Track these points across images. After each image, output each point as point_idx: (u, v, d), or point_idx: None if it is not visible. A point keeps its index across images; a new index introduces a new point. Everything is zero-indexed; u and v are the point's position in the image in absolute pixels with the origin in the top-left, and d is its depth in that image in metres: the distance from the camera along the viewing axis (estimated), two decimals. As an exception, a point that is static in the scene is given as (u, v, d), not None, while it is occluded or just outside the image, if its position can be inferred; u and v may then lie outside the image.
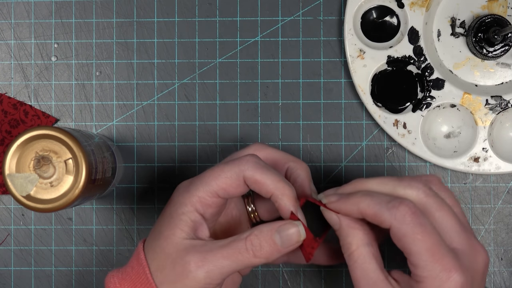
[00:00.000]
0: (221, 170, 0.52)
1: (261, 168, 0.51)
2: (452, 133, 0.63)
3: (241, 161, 0.52)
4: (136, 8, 0.65)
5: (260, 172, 0.51)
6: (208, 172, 0.52)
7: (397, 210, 0.49)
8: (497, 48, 0.63)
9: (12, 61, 0.65)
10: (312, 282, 0.64)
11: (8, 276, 0.64)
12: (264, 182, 0.51)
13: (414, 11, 0.63)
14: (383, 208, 0.49)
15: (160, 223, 0.52)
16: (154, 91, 0.65)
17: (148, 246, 0.52)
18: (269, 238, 0.50)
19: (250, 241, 0.50)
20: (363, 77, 0.63)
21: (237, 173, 0.51)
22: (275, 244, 0.50)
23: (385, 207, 0.49)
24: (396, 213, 0.48)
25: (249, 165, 0.51)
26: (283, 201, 0.51)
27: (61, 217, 0.64)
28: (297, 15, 0.64)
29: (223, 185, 0.51)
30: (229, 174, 0.51)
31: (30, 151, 0.52)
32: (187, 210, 0.51)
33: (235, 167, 0.52)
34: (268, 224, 0.51)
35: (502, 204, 0.64)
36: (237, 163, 0.52)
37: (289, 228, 0.51)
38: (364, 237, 0.51)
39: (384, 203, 0.49)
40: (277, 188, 0.51)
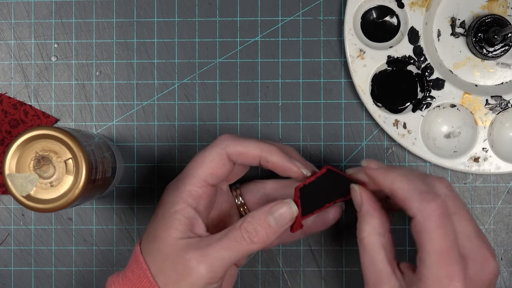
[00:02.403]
0: (202, 156, 0.53)
1: (239, 139, 0.53)
2: (452, 133, 0.63)
3: (217, 142, 0.53)
4: (136, 8, 0.65)
5: (240, 143, 0.52)
6: (191, 165, 0.53)
7: (428, 204, 0.48)
8: (497, 48, 0.63)
9: (12, 61, 0.65)
10: (312, 282, 0.64)
11: (8, 276, 0.64)
12: (248, 150, 0.52)
13: (414, 11, 0.63)
14: (415, 197, 0.49)
15: (154, 225, 0.53)
16: (154, 91, 0.65)
17: (145, 249, 0.52)
18: (263, 221, 0.50)
19: (245, 228, 0.50)
20: (363, 77, 0.63)
21: (219, 153, 0.52)
22: (270, 225, 0.51)
23: (418, 197, 0.49)
24: (426, 207, 0.48)
25: (227, 142, 0.52)
26: (273, 158, 0.52)
27: (61, 217, 0.64)
28: (297, 15, 0.64)
29: (209, 170, 0.52)
30: (211, 157, 0.52)
31: (30, 151, 0.52)
32: (180, 208, 0.51)
33: (214, 149, 0.53)
34: (259, 209, 0.51)
35: (502, 204, 0.64)
36: (214, 145, 0.53)
37: (281, 207, 0.51)
38: (378, 227, 0.51)
39: (417, 193, 0.49)
40: (263, 150, 0.52)
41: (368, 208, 0.51)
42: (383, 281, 0.50)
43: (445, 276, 0.48)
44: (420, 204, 0.49)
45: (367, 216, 0.51)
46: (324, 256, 0.64)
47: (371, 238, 0.51)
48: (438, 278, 0.48)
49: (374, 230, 0.51)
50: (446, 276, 0.48)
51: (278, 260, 0.64)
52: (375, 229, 0.51)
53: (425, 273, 0.48)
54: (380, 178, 0.51)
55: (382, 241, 0.51)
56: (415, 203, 0.49)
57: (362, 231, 0.51)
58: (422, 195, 0.49)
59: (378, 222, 0.51)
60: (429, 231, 0.48)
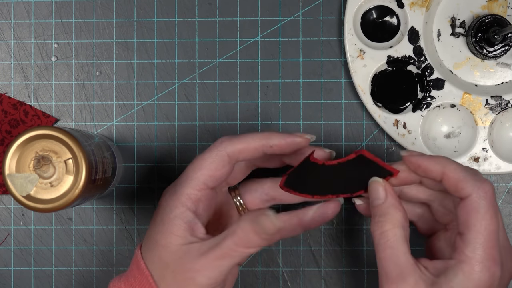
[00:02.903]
0: (201, 159, 0.53)
1: (236, 137, 0.53)
2: (452, 133, 0.63)
3: (215, 144, 0.53)
4: (136, 8, 0.65)
5: (237, 140, 0.52)
6: (190, 168, 0.53)
7: (482, 184, 0.50)
8: (497, 48, 0.63)
9: (12, 61, 0.65)
10: (312, 282, 0.64)
11: (8, 276, 0.64)
12: (248, 144, 0.52)
13: (414, 11, 0.63)
14: (469, 177, 0.50)
15: (154, 230, 0.52)
16: (154, 91, 0.65)
17: (146, 254, 0.52)
18: (252, 230, 0.50)
19: (238, 237, 0.50)
20: (363, 77, 0.63)
21: (218, 155, 0.52)
22: (260, 233, 0.50)
23: (471, 177, 0.50)
24: (481, 186, 0.49)
25: (226, 142, 0.52)
26: (275, 140, 0.52)
27: (61, 217, 0.64)
28: (297, 15, 0.64)
29: (209, 172, 0.52)
30: (210, 159, 0.52)
31: (30, 151, 0.52)
32: (179, 212, 0.51)
33: (214, 151, 0.53)
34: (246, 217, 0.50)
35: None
36: (213, 147, 0.53)
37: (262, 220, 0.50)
38: (402, 220, 0.51)
39: (470, 174, 0.50)
40: (261, 138, 0.52)
41: (394, 201, 0.52)
42: (408, 273, 0.49)
43: (488, 259, 0.48)
44: (474, 183, 0.50)
45: (392, 209, 0.51)
46: (324, 256, 0.64)
47: (395, 230, 0.51)
48: (481, 259, 0.48)
49: (399, 222, 0.51)
50: (489, 259, 0.48)
51: (278, 260, 0.64)
52: (400, 221, 0.51)
53: (468, 253, 0.49)
54: (431, 163, 0.52)
55: (406, 234, 0.51)
56: (470, 182, 0.50)
57: (386, 223, 0.51)
58: (475, 176, 0.50)
59: (402, 215, 0.51)
60: (483, 211, 0.49)
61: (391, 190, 0.52)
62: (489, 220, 0.49)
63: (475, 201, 0.49)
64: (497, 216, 0.50)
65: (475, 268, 0.48)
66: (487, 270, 0.48)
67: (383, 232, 0.51)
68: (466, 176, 0.50)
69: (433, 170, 0.52)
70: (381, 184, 0.52)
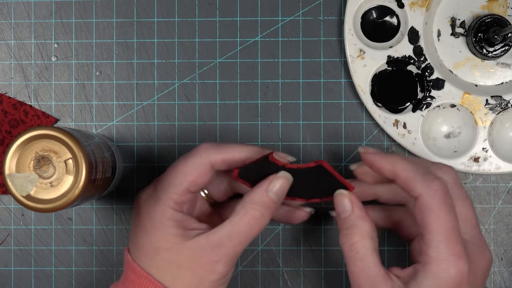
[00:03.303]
0: (184, 165, 0.53)
1: (221, 147, 0.53)
2: (452, 133, 0.63)
3: (199, 150, 0.53)
4: (136, 8, 0.65)
5: (223, 150, 0.53)
6: (172, 173, 0.53)
7: (432, 182, 0.49)
8: (497, 48, 0.63)
9: (12, 61, 0.65)
10: (312, 282, 0.64)
11: (8, 276, 0.64)
12: (232, 155, 0.53)
13: (414, 11, 0.63)
14: (418, 176, 0.50)
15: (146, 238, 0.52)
16: (154, 91, 0.65)
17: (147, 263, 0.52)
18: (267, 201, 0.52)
19: (253, 216, 0.51)
20: (363, 77, 0.63)
21: (202, 163, 0.53)
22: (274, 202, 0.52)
23: (421, 176, 0.50)
24: (430, 185, 0.49)
25: (210, 150, 0.53)
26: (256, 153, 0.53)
27: (61, 217, 0.64)
28: (297, 15, 0.64)
29: (192, 178, 0.52)
30: (194, 166, 0.52)
31: (30, 151, 0.52)
32: (169, 215, 0.52)
33: (197, 158, 0.53)
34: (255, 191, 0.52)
35: (502, 204, 0.64)
36: (196, 153, 0.53)
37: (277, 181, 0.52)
38: (370, 231, 0.51)
39: (420, 173, 0.50)
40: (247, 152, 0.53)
41: (360, 213, 0.52)
42: (379, 285, 0.50)
43: (451, 254, 0.48)
44: (424, 182, 0.49)
45: (359, 220, 0.52)
46: (324, 256, 0.64)
47: (365, 242, 0.51)
48: (445, 257, 0.48)
49: (367, 233, 0.51)
50: (452, 254, 0.48)
51: (278, 260, 0.64)
52: (368, 232, 0.51)
53: (431, 254, 0.48)
54: (382, 161, 0.52)
55: (374, 245, 0.51)
56: (419, 182, 0.49)
57: (353, 235, 0.51)
58: (425, 175, 0.50)
59: (370, 226, 0.52)
60: (435, 209, 0.49)
61: (357, 201, 0.52)
62: (444, 217, 0.48)
63: (426, 200, 0.49)
64: (452, 212, 0.49)
65: (441, 267, 0.48)
66: (454, 266, 0.48)
67: (352, 245, 0.51)
68: (416, 176, 0.50)
69: (385, 168, 0.52)
70: (346, 196, 0.52)
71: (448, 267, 0.48)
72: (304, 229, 0.64)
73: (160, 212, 0.52)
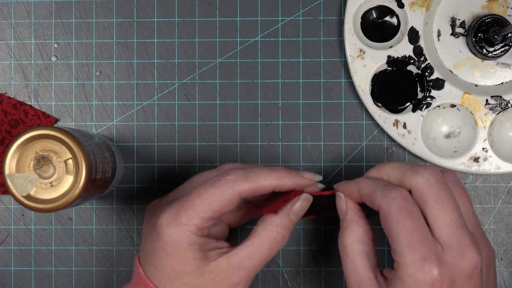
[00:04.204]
0: (212, 195, 0.52)
1: (249, 176, 0.53)
2: (452, 133, 0.63)
3: (227, 178, 0.52)
4: (136, 8, 0.65)
5: (251, 180, 0.53)
6: (196, 199, 0.52)
7: (389, 191, 0.50)
8: (497, 48, 0.63)
9: (12, 61, 0.65)
10: (312, 282, 0.64)
11: (8, 276, 0.64)
12: (260, 185, 0.53)
13: (414, 11, 0.63)
14: (378, 189, 0.51)
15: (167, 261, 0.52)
16: (154, 91, 0.65)
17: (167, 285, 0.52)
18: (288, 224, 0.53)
19: (274, 239, 0.52)
20: (363, 77, 0.63)
21: (231, 194, 0.52)
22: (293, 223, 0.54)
23: (380, 189, 0.51)
24: (387, 194, 0.50)
25: (239, 182, 0.52)
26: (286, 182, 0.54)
27: (61, 217, 0.64)
28: (297, 15, 0.64)
29: (218, 208, 0.52)
30: (223, 196, 0.52)
31: (30, 151, 0.52)
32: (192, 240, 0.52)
33: (227, 188, 0.52)
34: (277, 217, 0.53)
35: (502, 204, 0.64)
36: (225, 183, 0.52)
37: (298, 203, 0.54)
38: (361, 234, 0.52)
39: (381, 186, 0.51)
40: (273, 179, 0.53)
41: (353, 216, 0.53)
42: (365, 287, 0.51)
43: (417, 258, 0.48)
44: (382, 193, 0.50)
45: (351, 223, 0.53)
46: (324, 256, 0.64)
47: (354, 245, 0.52)
48: (410, 261, 0.48)
49: (357, 237, 0.52)
50: (418, 258, 0.48)
51: (278, 260, 0.64)
52: (359, 236, 0.52)
53: (397, 260, 0.49)
54: (348, 186, 0.54)
55: (366, 248, 0.52)
56: (378, 193, 0.51)
57: (345, 238, 0.52)
58: (384, 187, 0.51)
59: (362, 230, 0.53)
60: (394, 216, 0.49)
61: (351, 205, 0.54)
62: (403, 222, 0.49)
63: (385, 209, 0.50)
64: (412, 216, 0.49)
65: (407, 272, 0.48)
66: (420, 270, 0.48)
67: (343, 247, 0.52)
68: (375, 189, 0.51)
69: (352, 192, 0.53)
70: (342, 199, 0.54)
71: (415, 271, 0.48)
72: (304, 229, 0.64)
73: (185, 237, 0.51)
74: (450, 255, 0.49)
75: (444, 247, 0.49)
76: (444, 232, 0.49)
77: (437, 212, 0.50)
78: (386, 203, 0.50)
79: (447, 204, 0.50)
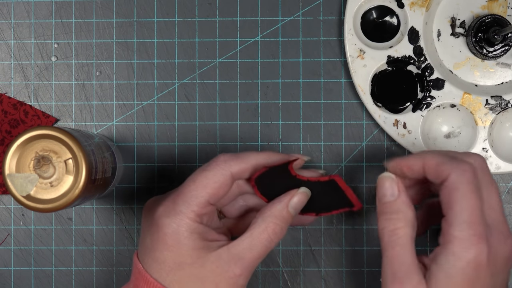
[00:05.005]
0: (205, 177, 0.53)
1: (240, 157, 0.53)
2: (452, 133, 0.63)
3: (218, 161, 0.53)
4: (136, 8, 0.65)
5: (242, 160, 0.53)
6: (192, 186, 0.53)
7: (461, 163, 0.50)
8: (497, 48, 0.63)
9: (12, 61, 0.65)
10: (312, 282, 0.64)
11: (8, 276, 0.64)
12: (251, 164, 0.53)
13: (414, 11, 0.63)
14: (446, 159, 0.50)
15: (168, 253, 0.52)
16: (154, 91, 0.65)
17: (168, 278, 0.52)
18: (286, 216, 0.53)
19: (273, 231, 0.52)
20: (363, 77, 0.63)
21: (223, 174, 0.53)
22: (291, 216, 0.53)
23: (449, 159, 0.50)
24: (459, 165, 0.49)
25: (229, 161, 0.53)
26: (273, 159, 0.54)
27: (61, 217, 0.64)
28: (297, 15, 0.64)
29: (213, 191, 0.52)
30: (215, 178, 0.52)
31: (30, 151, 0.52)
32: (192, 228, 0.52)
33: (218, 170, 0.53)
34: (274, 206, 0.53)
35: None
36: (216, 165, 0.53)
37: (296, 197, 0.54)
38: (413, 219, 0.51)
39: (449, 157, 0.50)
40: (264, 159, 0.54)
41: (406, 199, 0.52)
42: (413, 273, 0.49)
43: (473, 235, 0.48)
44: (452, 163, 0.50)
45: (404, 206, 0.51)
46: (324, 256, 0.64)
47: (407, 229, 0.50)
48: (467, 236, 0.48)
49: (410, 222, 0.51)
50: (474, 235, 0.48)
51: (278, 260, 0.64)
52: (411, 221, 0.51)
53: (453, 233, 0.48)
54: (411, 160, 0.52)
55: (412, 234, 0.51)
56: (448, 163, 0.50)
57: (398, 221, 0.51)
58: (454, 158, 0.50)
59: (414, 215, 0.51)
60: (462, 190, 0.49)
61: (403, 187, 0.52)
62: (470, 197, 0.48)
63: (454, 180, 0.49)
64: (479, 194, 0.49)
65: (462, 246, 0.48)
66: (475, 246, 0.48)
67: (395, 230, 0.50)
68: (444, 160, 0.50)
69: (415, 164, 0.52)
70: (394, 180, 0.52)
71: (470, 246, 0.48)
72: (304, 229, 0.64)
73: (184, 226, 0.52)
74: (496, 238, 0.49)
75: (491, 229, 0.49)
76: (492, 214, 0.50)
77: (488, 195, 0.50)
78: (456, 174, 0.49)
79: (495, 188, 0.51)
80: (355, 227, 0.64)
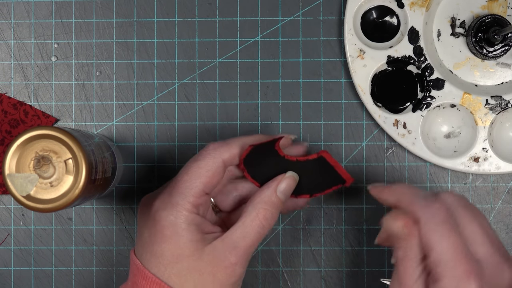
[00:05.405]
0: (197, 167, 0.53)
1: (228, 143, 0.54)
2: (452, 133, 0.63)
3: (208, 150, 0.54)
4: (136, 8, 0.65)
5: (231, 145, 0.54)
6: (185, 177, 0.53)
7: (433, 203, 0.49)
8: (497, 48, 0.63)
9: (12, 61, 0.65)
10: (312, 282, 0.64)
11: (8, 276, 0.64)
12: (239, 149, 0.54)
13: (414, 11, 0.63)
14: (419, 199, 0.50)
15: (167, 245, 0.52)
16: (154, 91, 0.65)
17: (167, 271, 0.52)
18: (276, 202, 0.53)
19: (264, 217, 0.53)
20: (363, 77, 0.63)
21: (215, 162, 0.53)
22: (281, 201, 0.54)
23: (422, 199, 0.50)
24: (431, 206, 0.49)
25: (219, 149, 0.54)
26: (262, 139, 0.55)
27: (61, 217, 0.64)
28: (297, 15, 0.64)
29: (207, 180, 0.53)
30: (208, 167, 0.53)
31: (30, 151, 0.52)
32: (190, 219, 0.52)
33: (210, 158, 0.54)
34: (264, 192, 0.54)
35: (502, 204, 0.64)
36: (207, 154, 0.54)
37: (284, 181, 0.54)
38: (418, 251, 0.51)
39: (421, 196, 0.50)
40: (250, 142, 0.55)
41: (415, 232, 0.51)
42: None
43: (462, 272, 0.47)
44: (424, 205, 0.49)
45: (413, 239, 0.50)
46: (324, 256, 0.64)
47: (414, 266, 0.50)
48: (455, 274, 0.48)
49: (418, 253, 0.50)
50: (463, 272, 0.47)
51: (278, 260, 0.64)
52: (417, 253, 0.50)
53: (441, 272, 0.48)
54: (387, 192, 0.53)
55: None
56: (419, 205, 0.50)
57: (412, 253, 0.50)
58: (426, 198, 0.50)
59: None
60: (438, 230, 0.48)
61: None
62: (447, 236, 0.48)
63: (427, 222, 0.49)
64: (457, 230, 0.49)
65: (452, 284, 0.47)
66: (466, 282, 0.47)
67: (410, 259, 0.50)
68: (416, 200, 0.50)
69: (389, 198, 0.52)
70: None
71: (459, 284, 0.47)
72: (304, 229, 0.64)
73: (182, 217, 0.52)
74: (488, 272, 0.49)
75: (481, 264, 0.49)
76: (478, 248, 0.49)
77: (468, 230, 0.50)
78: (428, 215, 0.49)
79: (476, 221, 0.50)
80: (355, 227, 0.64)
